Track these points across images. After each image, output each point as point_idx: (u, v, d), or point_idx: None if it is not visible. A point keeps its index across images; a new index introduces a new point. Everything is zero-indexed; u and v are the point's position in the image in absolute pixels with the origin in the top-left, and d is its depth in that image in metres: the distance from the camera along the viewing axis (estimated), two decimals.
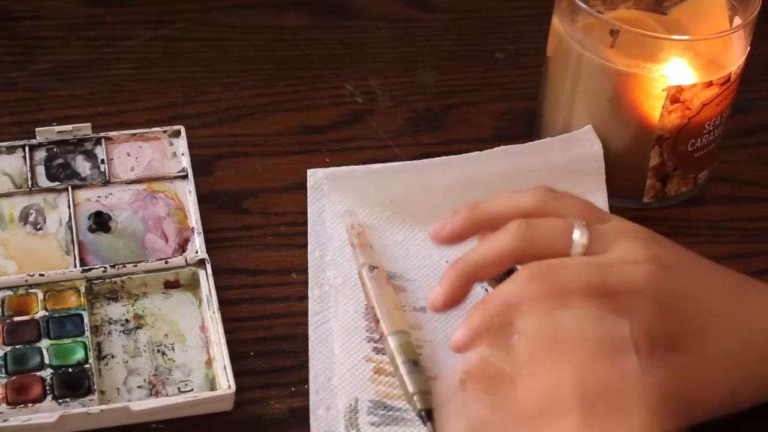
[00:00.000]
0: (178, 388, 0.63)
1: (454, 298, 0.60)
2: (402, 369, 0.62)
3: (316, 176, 0.74)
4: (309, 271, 0.69)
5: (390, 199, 0.72)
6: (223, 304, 0.66)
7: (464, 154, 0.74)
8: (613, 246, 0.58)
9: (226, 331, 0.64)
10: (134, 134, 0.74)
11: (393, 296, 0.66)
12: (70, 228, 0.69)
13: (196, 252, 0.69)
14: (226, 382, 0.62)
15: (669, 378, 0.56)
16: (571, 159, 0.74)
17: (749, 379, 0.60)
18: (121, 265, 0.67)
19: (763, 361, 0.60)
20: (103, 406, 0.61)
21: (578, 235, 0.58)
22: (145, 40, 0.86)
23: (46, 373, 0.62)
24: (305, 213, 0.72)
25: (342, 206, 0.72)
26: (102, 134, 0.74)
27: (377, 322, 0.65)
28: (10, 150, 0.73)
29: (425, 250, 0.71)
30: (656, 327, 0.56)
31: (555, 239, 0.58)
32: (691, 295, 0.58)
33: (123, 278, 0.67)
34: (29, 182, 0.72)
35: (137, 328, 0.66)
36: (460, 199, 0.72)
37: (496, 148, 0.74)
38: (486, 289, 0.66)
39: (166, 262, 0.68)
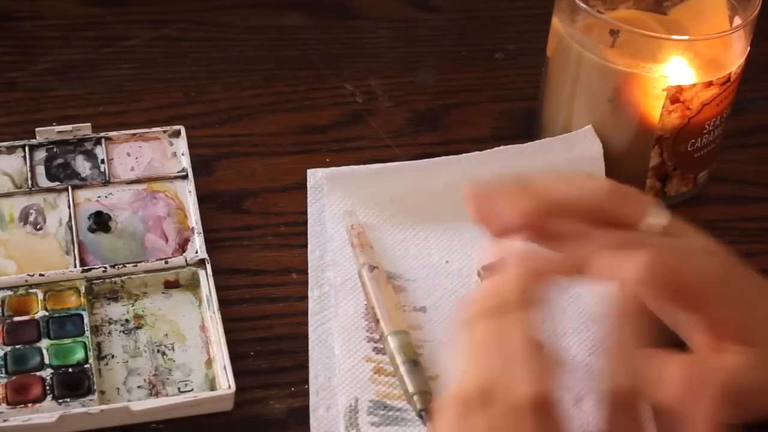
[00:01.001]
0: (178, 388, 0.63)
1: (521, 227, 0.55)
2: (402, 369, 0.62)
3: (316, 176, 0.74)
4: (309, 271, 0.69)
5: (390, 199, 0.72)
6: (223, 304, 0.66)
7: (464, 154, 0.74)
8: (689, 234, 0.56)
9: (226, 331, 0.64)
10: (134, 134, 0.74)
11: (393, 296, 0.66)
12: (70, 228, 0.69)
13: (196, 252, 0.69)
14: (226, 382, 0.62)
15: (737, 369, 0.52)
16: (571, 159, 0.74)
17: None
18: (121, 265, 0.67)
19: None
20: (103, 406, 0.61)
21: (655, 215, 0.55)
22: (145, 40, 0.86)
23: (46, 373, 0.62)
24: (305, 213, 0.72)
25: (342, 206, 0.72)
26: (102, 134, 0.74)
27: (377, 322, 0.65)
28: (10, 150, 0.73)
29: (425, 250, 0.71)
30: (727, 317, 0.54)
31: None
32: (759, 289, 0.55)
33: (123, 278, 0.67)
34: (29, 182, 0.72)
35: (137, 328, 0.66)
36: (459, 200, 0.72)
37: (495, 149, 0.74)
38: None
39: (166, 262, 0.68)
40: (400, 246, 0.71)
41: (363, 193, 0.72)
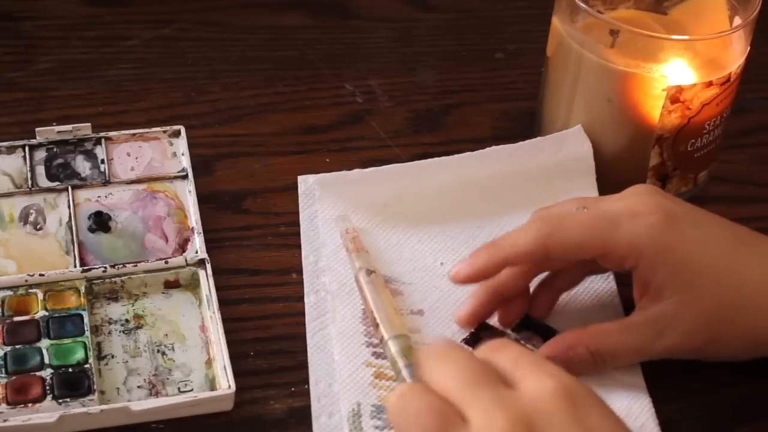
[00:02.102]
0: (178, 388, 0.63)
1: (480, 314, 0.65)
2: (404, 373, 0.62)
3: (306, 183, 0.74)
4: (304, 276, 0.69)
5: (383, 202, 0.72)
6: (223, 304, 0.66)
7: (456, 155, 0.74)
8: (618, 200, 0.63)
9: (226, 331, 0.64)
10: (134, 134, 0.74)
11: (391, 300, 0.66)
12: (70, 228, 0.69)
13: (196, 252, 0.69)
14: (226, 382, 0.62)
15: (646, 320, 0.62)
16: (562, 159, 0.74)
17: (734, 330, 0.62)
18: (121, 265, 0.67)
19: (753, 313, 0.62)
20: (103, 406, 0.61)
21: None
22: (145, 40, 0.86)
23: (46, 373, 0.62)
24: None
25: (334, 211, 0.72)
26: (102, 134, 0.74)
27: (376, 326, 0.64)
28: (10, 150, 0.73)
29: (420, 253, 0.71)
30: (649, 278, 0.61)
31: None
32: (690, 246, 0.61)
33: (123, 278, 0.67)
34: (29, 182, 0.72)
35: (137, 328, 0.66)
36: (452, 201, 0.73)
37: (487, 149, 0.74)
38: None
39: (166, 262, 0.68)
40: (394, 249, 0.71)
41: (355, 198, 0.72)
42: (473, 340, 0.65)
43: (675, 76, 0.70)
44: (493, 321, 0.66)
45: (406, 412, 0.49)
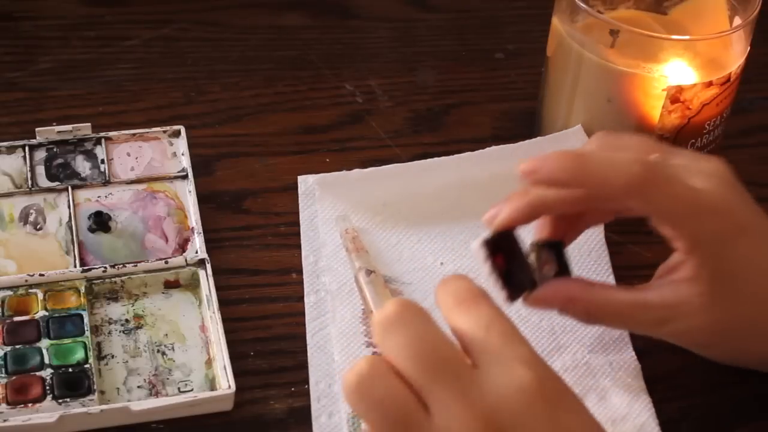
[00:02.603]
0: (178, 388, 0.63)
1: (513, 224, 0.60)
2: None
3: (306, 183, 0.74)
4: (304, 276, 0.69)
5: (382, 203, 0.72)
6: (223, 304, 0.66)
7: (455, 155, 0.74)
8: (698, 176, 0.59)
9: (226, 331, 0.64)
10: (134, 134, 0.74)
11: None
12: (70, 228, 0.69)
13: (196, 252, 0.69)
14: (226, 382, 0.62)
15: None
16: None
17: (738, 346, 0.61)
18: (121, 265, 0.67)
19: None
20: (103, 406, 0.61)
21: None
22: (145, 40, 0.86)
23: (46, 373, 0.62)
24: None
25: (334, 211, 0.72)
26: (102, 134, 0.74)
27: None
28: (10, 150, 0.73)
29: (419, 252, 0.71)
30: (693, 264, 0.58)
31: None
32: (746, 260, 0.59)
33: (123, 278, 0.67)
34: (29, 182, 0.72)
35: (137, 328, 0.66)
36: (452, 201, 0.73)
37: (487, 149, 0.74)
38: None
39: (166, 262, 0.68)
40: (394, 249, 0.71)
41: (355, 198, 0.72)
42: (492, 247, 0.59)
43: (675, 76, 0.70)
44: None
45: (367, 396, 0.47)
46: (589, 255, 0.70)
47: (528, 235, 0.62)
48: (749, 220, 0.60)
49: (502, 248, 0.59)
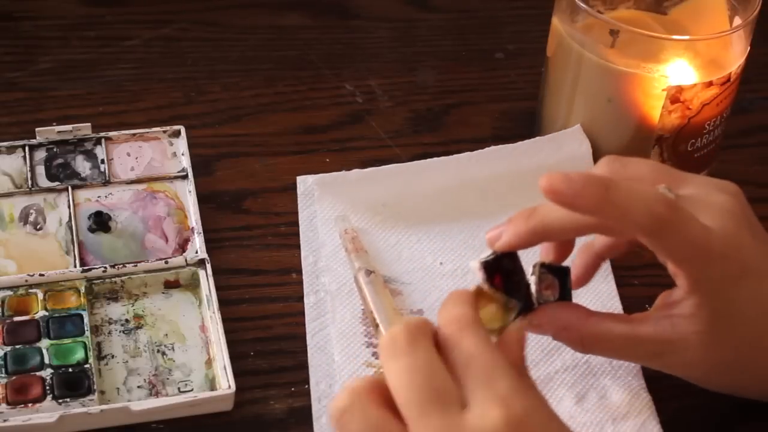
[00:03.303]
0: (178, 388, 0.63)
1: (514, 248, 0.58)
2: None
3: (306, 183, 0.74)
4: (303, 277, 0.69)
5: (381, 203, 0.72)
6: (223, 304, 0.66)
7: (454, 156, 0.74)
8: (705, 199, 0.59)
9: (226, 331, 0.64)
10: (134, 134, 0.74)
11: (391, 300, 0.66)
12: (70, 228, 0.69)
13: (196, 252, 0.69)
14: (226, 382, 0.62)
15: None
16: (561, 158, 0.74)
17: (728, 382, 0.61)
18: (121, 265, 0.67)
19: (757, 384, 0.61)
20: (103, 406, 0.61)
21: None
22: (145, 40, 0.86)
23: (46, 373, 0.62)
24: None
25: (333, 211, 0.72)
26: (102, 134, 0.74)
27: (376, 327, 0.64)
28: (10, 150, 0.73)
29: (419, 252, 0.71)
30: (690, 302, 0.58)
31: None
32: (744, 300, 0.58)
33: (123, 278, 0.67)
34: (29, 182, 0.72)
35: (137, 328, 0.66)
36: (451, 201, 0.73)
37: (486, 149, 0.74)
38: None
39: (166, 262, 0.68)
40: (394, 249, 0.71)
41: (354, 198, 0.72)
42: (493, 267, 0.58)
43: (675, 76, 0.70)
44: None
45: (346, 430, 0.48)
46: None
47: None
48: (756, 261, 0.58)
49: (501, 267, 0.58)
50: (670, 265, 0.58)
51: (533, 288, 0.59)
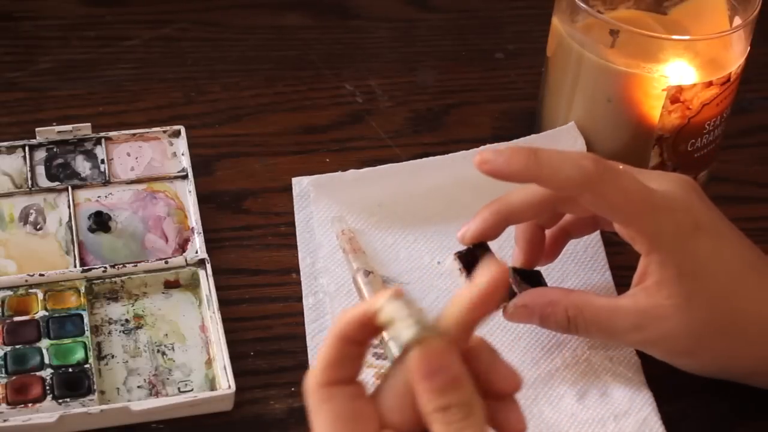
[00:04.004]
0: (178, 388, 0.63)
1: (484, 235, 0.62)
2: None
3: (301, 184, 0.73)
4: (301, 279, 0.69)
5: (377, 203, 0.72)
6: (223, 304, 0.66)
7: (450, 155, 0.74)
8: (657, 180, 0.61)
9: (226, 331, 0.64)
10: (134, 134, 0.74)
11: None
12: (70, 228, 0.69)
13: (196, 252, 0.69)
14: (226, 382, 0.62)
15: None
16: None
17: (713, 352, 0.61)
18: (121, 265, 0.67)
19: (739, 344, 0.61)
20: (103, 406, 0.61)
21: None
22: (145, 40, 0.86)
23: (46, 373, 0.62)
24: None
25: (329, 212, 0.72)
26: (102, 134, 0.74)
27: None
28: (10, 150, 0.73)
29: (416, 252, 0.71)
30: (654, 271, 0.60)
31: None
32: (705, 259, 0.60)
33: (123, 278, 0.67)
34: (29, 182, 0.72)
35: (137, 328, 0.66)
36: (447, 201, 0.73)
37: (481, 147, 0.74)
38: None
39: (166, 262, 0.68)
40: (391, 249, 0.71)
41: (350, 199, 0.72)
42: (469, 258, 0.62)
43: (675, 76, 0.70)
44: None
45: None
46: (585, 252, 0.70)
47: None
48: (708, 219, 0.61)
49: (476, 259, 0.61)
50: (622, 228, 0.60)
51: (511, 282, 0.62)
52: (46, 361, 0.63)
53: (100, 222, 0.70)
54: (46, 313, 0.65)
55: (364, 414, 0.46)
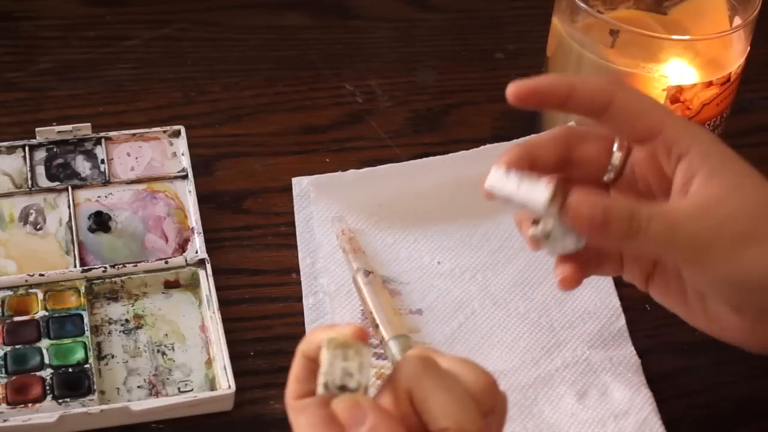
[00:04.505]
0: (178, 388, 0.63)
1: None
2: None
3: (301, 184, 0.73)
4: (302, 279, 0.69)
5: (377, 203, 0.72)
6: (223, 304, 0.66)
7: (450, 155, 0.74)
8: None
9: (226, 331, 0.64)
10: (134, 134, 0.74)
11: (390, 300, 0.66)
12: (70, 228, 0.69)
13: (196, 252, 0.69)
14: (226, 382, 0.62)
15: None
16: None
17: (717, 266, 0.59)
18: (121, 265, 0.67)
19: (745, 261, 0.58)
20: (103, 406, 0.61)
21: None
22: (145, 40, 0.86)
23: (46, 373, 0.62)
24: None
25: (329, 213, 0.72)
26: (102, 134, 0.74)
27: (376, 327, 0.65)
28: (10, 150, 0.73)
29: (416, 252, 0.71)
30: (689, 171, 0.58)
31: None
32: (730, 177, 0.59)
33: (123, 278, 0.67)
34: (29, 182, 0.72)
35: (137, 328, 0.66)
36: (447, 200, 0.73)
37: (480, 147, 0.74)
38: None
39: (166, 262, 0.68)
40: (391, 249, 0.71)
41: (350, 199, 0.72)
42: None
43: (675, 76, 0.70)
44: None
45: None
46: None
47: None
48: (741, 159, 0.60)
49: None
50: (643, 155, 0.59)
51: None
52: (46, 361, 0.63)
53: (100, 222, 0.70)
54: (46, 313, 0.65)
55: (336, 419, 0.48)
